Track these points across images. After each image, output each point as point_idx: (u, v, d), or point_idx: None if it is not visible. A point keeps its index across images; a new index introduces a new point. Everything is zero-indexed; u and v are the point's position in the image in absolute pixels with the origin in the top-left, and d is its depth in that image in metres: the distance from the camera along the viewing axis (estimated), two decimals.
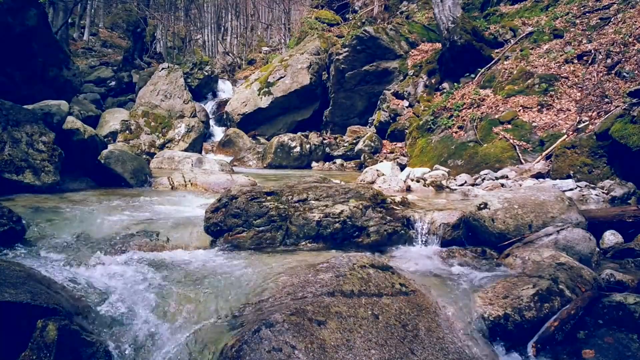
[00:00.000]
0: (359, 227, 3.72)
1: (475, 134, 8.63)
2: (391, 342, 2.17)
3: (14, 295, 1.99)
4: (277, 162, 12.03)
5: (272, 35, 31.10)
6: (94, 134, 6.23)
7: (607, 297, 2.69)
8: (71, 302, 2.40)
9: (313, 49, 16.12)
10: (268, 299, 2.48)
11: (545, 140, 7.77)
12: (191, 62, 19.53)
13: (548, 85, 8.76)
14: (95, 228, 3.72)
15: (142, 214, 4.33)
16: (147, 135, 11.90)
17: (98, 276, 2.81)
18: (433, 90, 11.91)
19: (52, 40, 9.42)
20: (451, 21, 10.93)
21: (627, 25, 9.01)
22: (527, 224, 3.59)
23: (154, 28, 26.26)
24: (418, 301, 2.53)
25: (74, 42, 23.39)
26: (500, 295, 2.73)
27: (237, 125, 14.95)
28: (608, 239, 3.85)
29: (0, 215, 3.31)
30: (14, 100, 5.51)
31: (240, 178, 6.47)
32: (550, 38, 10.34)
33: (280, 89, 15.17)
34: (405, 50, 13.74)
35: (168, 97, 14.31)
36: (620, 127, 5.99)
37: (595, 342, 2.45)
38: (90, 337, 2.11)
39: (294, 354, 1.97)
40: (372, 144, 12.13)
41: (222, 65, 24.91)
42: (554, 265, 2.99)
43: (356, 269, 2.62)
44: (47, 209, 4.22)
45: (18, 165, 4.92)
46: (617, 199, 5.54)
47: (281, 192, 3.95)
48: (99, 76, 19.17)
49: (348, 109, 14.45)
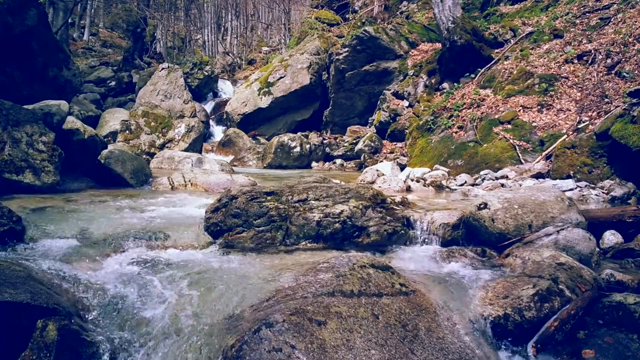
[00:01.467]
0: (359, 227, 3.72)
1: (475, 134, 8.63)
2: (391, 342, 2.17)
3: (14, 295, 1.99)
4: (277, 162, 12.03)
5: (272, 35, 31.10)
6: (94, 134, 6.22)
7: (607, 297, 2.69)
8: (71, 302, 2.40)
9: (313, 49, 16.12)
10: (268, 299, 2.48)
11: (545, 140, 7.77)
12: (191, 62, 19.53)
13: (548, 85, 8.76)
14: (95, 228, 3.72)
15: (142, 214, 4.32)
16: (147, 135, 11.90)
17: (98, 276, 2.81)
18: (433, 90, 11.91)
19: (52, 40, 9.41)
20: (451, 21, 10.93)
21: (627, 25, 9.01)
22: (527, 224, 3.59)
23: (154, 28, 26.27)
24: (418, 301, 2.53)
25: (74, 42, 23.39)
26: (500, 295, 2.73)
27: (237, 125, 14.96)
28: (608, 239, 3.85)
29: (0, 215, 3.31)
30: (14, 100, 5.51)
31: (240, 178, 6.47)
32: (550, 38, 10.34)
33: (280, 89, 15.17)
34: (405, 50, 13.74)
35: (168, 97, 14.32)
36: (620, 127, 5.99)
37: (595, 342, 2.45)
38: (90, 337, 2.11)
39: (294, 354, 1.97)
40: (372, 144, 12.13)
41: (222, 65, 24.92)
42: (554, 265, 2.99)
43: (356, 269, 2.62)
44: (47, 209, 4.22)
45: (18, 165, 4.92)
46: (617, 199, 5.54)
47: (281, 192, 3.95)
48: (99, 76, 19.17)
49: (348, 109, 14.45)
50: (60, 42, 10.85)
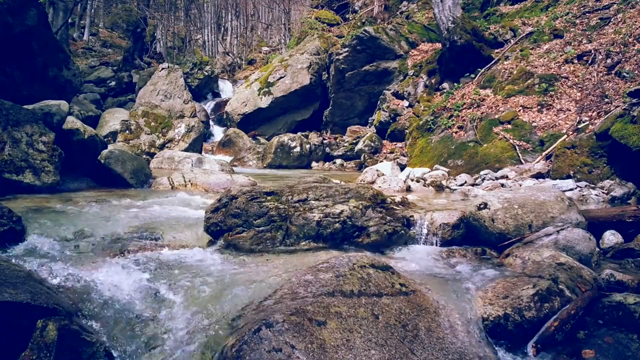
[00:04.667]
0: (359, 227, 3.72)
1: (475, 134, 8.63)
2: (391, 342, 2.17)
3: (14, 295, 1.99)
4: (277, 162, 12.03)
5: (272, 35, 31.11)
6: (94, 134, 6.23)
7: (607, 297, 2.69)
8: (71, 302, 2.40)
9: (313, 49, 16.12)
10: (268, 299, 2.48)
11: (545, 140, 7.77)
12: (191, 62, 19.55)
13: (548, 85, 8.76)
14: (95, 228, 3.72)
15: (142, 214, 4.33)
16: (147, 135, 11.90)
17: (98, 276, 2.81)
18: (433, 90, 11.91)
19: (52, 40, 9.41)
20: (451, 21, 10.93)
21: (627, 25, 9.01)
22: (527, 224, 3.59)
23: (154, 28, 26.27)
24: (418, 301, 2.53)
25: (74, 42, 23.39)
26: (500, 295, 2.73)
27: (237, 125, 14.96)
28: (608, 239, 3.85)
29: (0, 215, 3.31)
30: (14, 100, 5.51)
31: (240, 178, 6.47)
32: (550, 38, 10.34)
33: (280, 89, 15.17)
34: (405, 50, 13.75)
35: (168, 97, 14.32)
36: (620, 127, 5.99)
37: (595, 342, 2.45)
38: (90, 337, 2.11)
39: (294, 354, 1.97)
40: (372, 144, 12.13)
41: (222, 65, 24.93)
42: (554, 265, 2.99)
43: (356, 269, 2.62)
44: (47, 209, 4.22)
45: (18, 165, 4.92)
46: (617, 199, 5.54)
47: (281, 192, 3.95)
48: (99, 76, 19.18)
49: (348, 109, 14.46)
50: (60, 42, 10.85)
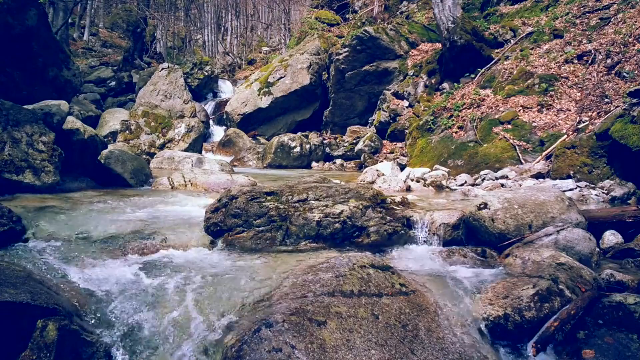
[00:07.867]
0: (359, 227, 3.72)
1: (475, 134, 8.63)
2: (391, 342, 2.17)
3: (14, 295, 1.99)
4: (277, 162, 12.03)
5: (272, 35, 31.11)
6: (94, 134, 6.22)
7: (607, 297, 2.69)
8: (71, 302, 2.40)
9: (313, 49, 16.11)
10: (268, 299, 2.48)
11: (545, 140, 7.77)
12: (191, 62, 19.55)
13: (548, 85, 8.76)
14: (95, 228, 3.72)
15: (142, 214, 4.32)
16: (147, 135, 11.89)
17: (98, 276, 2.81)
18: (433, 90, 11.91)
19: (52, 40, 9.41)
20: (451, 21, 10.93)
21: (627, 25, 9.01)
22: (527, 224, 3.59)
23: (154, 28, 26.26)
24: (418, 301, 2.53)
25: (74, 42, 23.40)
26: (500, 295, 2.73)
27: (237, 125, 14.95)
28: (608, 239, 3.85)
29: (0, 215, 3.31)
30: (14, 100, 5.50)
31: (240, 178, 6.47)
32: (550, 38, 10.34)
33: (280, 89, 15.17)
34: (405, 50, 13.74)
35: (168, 97, 14.32)
36: (620, 127, 5.99)
37: (595, 342, 2.45)
38: (90, 337, 2.11)
39: (294, 354, 1.97)
40: (372, 144, 12.13)
41: (222, 65, 24.93)
42: (554, 265, 2.99)
43: (356, 269, 2.62)
44: (47, 209, 4.22)
45: (18, 165, 4.92)
46: (617, 199, 5.54)
47: (281, 192, 3.95)
48: (99, 76, 19.18)
49: (348, 109, 14.45)
50: (60, 42, 10.85)
